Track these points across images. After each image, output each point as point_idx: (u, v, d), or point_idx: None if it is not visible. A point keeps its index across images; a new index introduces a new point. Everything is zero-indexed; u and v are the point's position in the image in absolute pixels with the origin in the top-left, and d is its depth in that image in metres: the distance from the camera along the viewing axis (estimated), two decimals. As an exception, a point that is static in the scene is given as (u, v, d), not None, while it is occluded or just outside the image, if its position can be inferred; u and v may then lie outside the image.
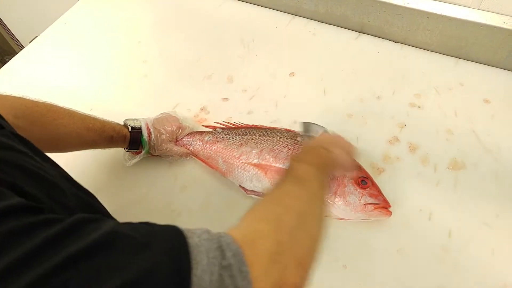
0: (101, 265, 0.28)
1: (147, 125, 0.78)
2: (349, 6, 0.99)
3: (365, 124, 0.84)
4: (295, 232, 0.40)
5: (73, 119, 0.68)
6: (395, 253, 0.66)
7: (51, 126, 0.64)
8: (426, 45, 0.96)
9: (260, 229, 0.38)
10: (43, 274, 0.25)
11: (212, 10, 1.15)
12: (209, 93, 0.94)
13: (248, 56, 1.02)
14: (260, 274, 0.33)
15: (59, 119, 0.65)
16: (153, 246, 0.31)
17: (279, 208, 0.43)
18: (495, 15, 0.85)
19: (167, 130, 0.79)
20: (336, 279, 0.65)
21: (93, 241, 0.28)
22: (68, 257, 0.26)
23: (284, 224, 0.40)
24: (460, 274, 0.64)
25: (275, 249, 0.36)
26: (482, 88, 0.88)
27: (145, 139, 0.77)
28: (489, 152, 0.77)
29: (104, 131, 0.72)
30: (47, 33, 1.16)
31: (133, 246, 0.30)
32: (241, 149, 0.75)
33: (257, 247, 0.36)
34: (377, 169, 0.76)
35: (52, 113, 0.65)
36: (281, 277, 0.35)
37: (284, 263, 0.36)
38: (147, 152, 0.79)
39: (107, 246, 0.29)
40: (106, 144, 0.74)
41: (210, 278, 0.30)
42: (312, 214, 0.45)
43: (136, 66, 1.03)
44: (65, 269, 0.26)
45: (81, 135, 0.68)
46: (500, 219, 0.68)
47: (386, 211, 0.66)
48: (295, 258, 0.38)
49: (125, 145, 0.77)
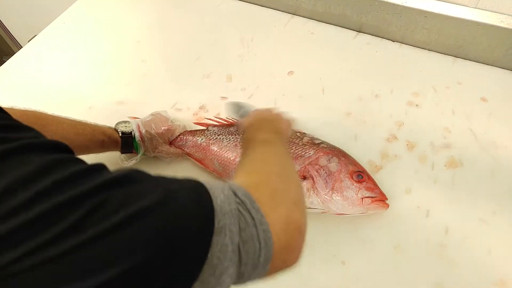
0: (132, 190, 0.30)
1: (138, 128, 0.77)
2: (347, 6, 0.99)
3: (364, 122, 0.85)
4: (284, 179, 0.44)
5: (62, 126, 0.68)
6: (393, 250, 0.67)
7: None
8: (424, 44, 0.97)
9: (255, 180, 0.42)
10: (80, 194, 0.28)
11: (211, 9, 1.15)
12: (208, 92, 0.95)
13: (247, 55, 1.02)
14: (269, 211, 0.36)
15: (48, 126, 0.66)
16: (175, 183, 0.34)
17: (263, 164, 0.47)
18: (492, 13, 0.85)
19: (157, 133, 0.79)
20: (334, 275, 0.65)
21: (120, 173, 0.31)
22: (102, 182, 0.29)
23: (273, 174, 0.44)
24: (457, 270, 0.64)
25: (274, 193, 0.40)
26: (479, 86, 0.89)
27: (139, 143, 0.77)
28: (486, 150, 0.78)
29: (94, 136, 0.71)
30: (46, 32, 1.16)
31: (157, 180, 0.33)
32: (236, 150, 0.76)
33: (260, 191, 0.39)
34: (375, 166, 0.77)
35: (41, 121, 0.65)
36: (288, 215, 0.38)
37: (284, 204, 0.40)
38: (143, 154, 0.79)
39: (134, 178, 0.32)
40: (98, 149, 0.74)
41: (230, 207, 0.34)
42: (289, 165, 0.50)
43: (135, 65, 1.04)
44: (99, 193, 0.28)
45: (71, 141, 0.68)
46: (497, 216, 0.69)
47: (383, 204, 0.67)
48: (292, 200, 0.41)
49: (118, 149, 0.77)
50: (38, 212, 0.26)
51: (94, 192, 0.28)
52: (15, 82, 1.04)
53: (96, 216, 0.27)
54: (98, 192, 0.28)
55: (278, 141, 0.55)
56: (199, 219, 0.31)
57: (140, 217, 0.28)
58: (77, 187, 0.28)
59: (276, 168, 0.46)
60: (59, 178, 0.28)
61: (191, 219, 0.31)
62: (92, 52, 1.09)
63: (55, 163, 0.29)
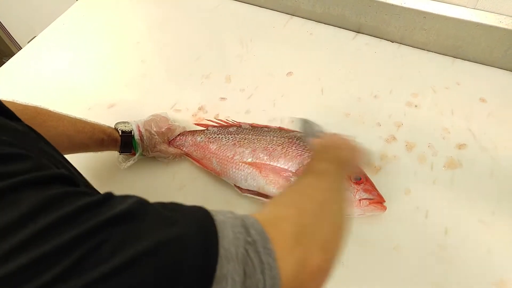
0: (131, 231, 0.28)
1: (138, 128, 0.77)
2: (346, 6, 0.99)
3: (363, 123, 0.85)
4: (317, 218, 0.40)
5: (62, 122, 0.68)
6: (392, 251, 0.67)
7: (41, 129, 0.63)
8: (423, 45, 0.97)
9: (283, 214, 0.39)
10: (76, 236, 0.26)
11: (210, 10, 1.15)
12: (207, 93, 0.95)
13: (246, 55, 1.02)
14: (284, 253, 0.34)
15: (49, 121, 0.65)
16: (180, 220, 0.31)
17: (301, 197, 0.43)
18: (491, 14, 0.85)
19: (157, 132, 0.79)
20: (333, 276, 0.65)
21: (122, 210, 0.29)
22: (99, 224, 0.28)
23: (306, 210, 0.41)
24: (456, 271, 0.64)
25: (298, 231, 0.37)
26: (478, 87, 0.89)
27: (138, 142, 0.77)
28: (485, 150, 0.78)
29: (94, 134, 0.71)
30: (45, 33, 1.16)
31: (161, 217, 0.31)
32: (234, 149, 0.76)
33: (280, 229, 0.36)
34: (374, 167, 0.77)
35: (41, 115, 0.65)
36: (305, 258, 0.35)
37: (307, 245, 0.36)
38: (141, 154, 0.79)
39: (136, 215, 0.30)
40: (97, 148, 0.74)
41: (236, 251, 0.31)
42: (334, 203, 0.46)
43: (135, 66, 1.04)
44: (96, 234, 0.27)
45: (71, 137, 0.68)
46: (496, 216, 0.69)
47: (381, 206, 0.67)
48: (318, 242, 0.38)
49: (117, 149, 0.77)
50: (29, 258, 0.25)
51: (91, 233, 0.27)
52: (15, 83, 1.04)
53: (92, 259, 0.26)
54: (96, 234, 0.27)
55: (335, 174, 0.50)
56: (199, 266, 0.29)
57: (136, 263, 0.27)
58: (71, 229, 0.26)
59: (313, 204, 0.42)
60: (53, 219, 0.27)
61: (191, 266, 0.29)
62: (91, 53, 1.09)
63: (50, 201, 0.28)
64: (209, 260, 0.30)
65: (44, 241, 0.26)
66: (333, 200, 0.46)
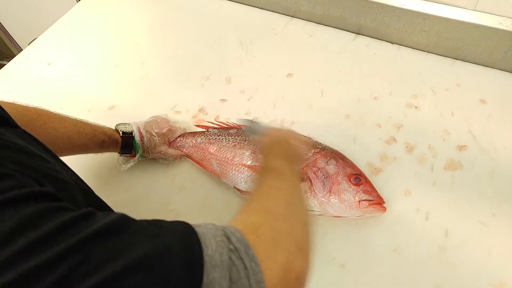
0: (115, 245, 0.29)
1: (138, 129, 0.78)
2: (346, 8, 0.99)
3: (363, 124, 0.85)
4: (288, 220, 0.42)
5: (63, 124, 0.68)
6: (392, 252, 0.67)
7: (42, 130, 0.64)
8: (423, 46, 0.97)
9: (257, 221, 0.40)
10: (59, 252, 0.26)
11: (210, 11, 1.15)
12: (207, 94, 0.95)
13: (246, 57, 1.02)
14: (266, 258, 0.34)
15: (50, 123, 0.66)
16: (163, 233, 0.32)
17: (269, 201, 0.45)
18: (490, 16, 0.85)
19: (158, 133, 0.79)
20: (333, 278, 0.65)
21: (105, 224, 0.30)
22: (81, 239, 0.28)
23: (277, 214, 0.42)
24: (456, 273, 0.64)
25: (275, 236, 0.38)
26: (478, 88, 0.89)
27: (138, 143, 0.77)
28: (485, 152, 0.78)
29: (95, 136, 0.71)
30: (46, 35, 1.17)
31: (145, 230, 0.32)
32: (234, 151, 0.76)
33: (259, 236, 0.37)
34: (374, 168, 0.77)
35: (42, 117, 0.65)
36: (287, 261, 0.36)
37: (286, 248, 0.37)
38: (141, 155, 0.79)
39: (119, 229, 0.30)
40: (97, 149, 0.74)
41: (221, 258, 0.32)
42: (297, 203, 0.47)
43: (135, 68, 1.04)
44: (79, 250, 0.27)
45: (71, 139, 0.68)
46: (496, 218, 0.69)
47: (381, 207, 0.67)
48: (295, 244, 0.39)
49: (118, 150, 0.77)
50: (12, 277, 0.25)
51: (75, 249, 0.27)
52: (15, 85, 1.04)
53: (77, 274, 0.26)
54: (79, 249, 0.27)
55: (289, 171, 0.52)
56: (186, 275, 0.30)
57: (122, 276, 0.27)
58: (54, 246, 0.27)
59: (281, 207, 0.43)
60: (35, 237, 0.27)
61: (178, 275, 0.29)
62: (91, 55, 1.09)
63: (32, 218, 0.28)
64: (195, 269, 0.30)
65: (26, 259, 0.26)
66: (296, 199, 0.48)
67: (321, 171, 0.69)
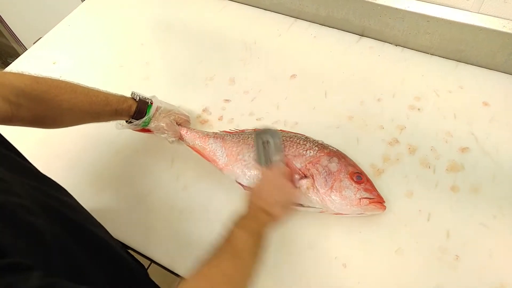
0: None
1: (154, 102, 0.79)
2: (350, 10, 1.00)
3: (366, 126, 0.85)
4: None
5: (75, 94, 0.68)
6: (394, 253, 0.67)
7: (53, 103, 0.64)
8: (427, 49, 0.97)
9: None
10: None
11: (214, 13, 1.16)
12: (211, 95, 0.95)
13: (249, 58, 1.03)
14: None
15: (61, 95, 0.65)
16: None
17: (218, 277, 0.49)
18: (494, 18, 0.85)
19: (176, 120, 0.81)
20: (335, 278, 0.66)
21: None
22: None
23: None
24: (457, 274, 0.64)
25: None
26: (481, 91, 0.89)
27: (152, 111, 0.78)
28: (487, 154, 0.78)
29: (107, 104, 0.72)
30: (51, 35, 1.18)
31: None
32: (240, 145, 0.77)
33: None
34: (377, 170, 0.77)
35: (54, 89, 0.65)
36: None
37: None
38: (144, 124, 0.78)
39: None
40: (109, 117, 0.74)
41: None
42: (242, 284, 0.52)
43: (139, 68, 1.04)
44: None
45: (83, 109, 0.69)
46: (498, 220, 0.69)
47: (381, 205, 0.68)
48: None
49: (128, 117, 0.77)
50: None
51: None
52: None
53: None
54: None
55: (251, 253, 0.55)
56: None
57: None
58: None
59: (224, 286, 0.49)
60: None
61: None
62: (96, 55, 1.10)
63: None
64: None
65: None
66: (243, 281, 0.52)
67: (324, 168, 0.70)
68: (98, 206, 0.79)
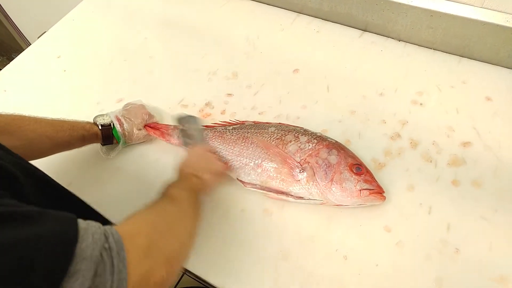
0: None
1: (117, 118, 0.80)
2: (353, 4, 1.00)
3: (368, 120, 0.85)
4: (165, 235, 0.49)
5: (40, 124, 0.69)
6: (395, 246, 0.68)
7: (18, 134, 0.65)
8: (429, 43, 0.97)
9: (137, 229, 0.47)
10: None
11: (218, 7, 1.16)
12: (214, 89, 0.96)
13: (252, 52, 1.03)
14: (134, 262, 0.41)
15: (25, 126, 0.66)
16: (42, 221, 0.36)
17: (155, 217, 0.52)
18: (498, 13, 0.85)
19: (138, 120, 0.83)
20: (336, 270, 0.66)
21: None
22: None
23: (157, 228, 0.49)
24: (457, 266, 0.65)
25: (148, 245, 0.44)
26: (484, 86, 0.89)
27: (119, 131, 0.79)
28: (489, 149, 0.78)
29: (74, 131, 0.73)
30: (55, 29, 1.18)
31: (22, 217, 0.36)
32: (238, 143, 0.77)
33: (135, 241, 0.43)
34: (378, 164, 0.78)
35: (16, 121, 0.66)
36: (150, 270, 0.43)
37: (154, 258, 0.44)
38: (124, 143, 0.81)
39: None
40: (79, 143, 0.76)
41: (92, 253, 0.37)
42: (182, 225, 0.55)
43: (143, 62, 1.05)
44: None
45: (51, 137, 0.70)
46: (498, 214, 0.70)
47: (380, 196, 0.68)
48: (164, 255, 0.46)
49: (100, 141, 0.79)
50: None
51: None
52: (24, 79, 1.05)
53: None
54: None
55: (186, 200, 0.59)
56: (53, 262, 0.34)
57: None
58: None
59: (164, 223, 0.51)
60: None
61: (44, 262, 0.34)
62: (100, 49, 1.10)
63: None
64: (64, 257, 0.35)
65: None
66: (181, 222, 0.56)
67: (324, 160, 0.71)
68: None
